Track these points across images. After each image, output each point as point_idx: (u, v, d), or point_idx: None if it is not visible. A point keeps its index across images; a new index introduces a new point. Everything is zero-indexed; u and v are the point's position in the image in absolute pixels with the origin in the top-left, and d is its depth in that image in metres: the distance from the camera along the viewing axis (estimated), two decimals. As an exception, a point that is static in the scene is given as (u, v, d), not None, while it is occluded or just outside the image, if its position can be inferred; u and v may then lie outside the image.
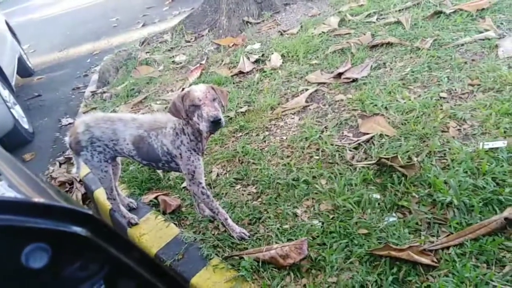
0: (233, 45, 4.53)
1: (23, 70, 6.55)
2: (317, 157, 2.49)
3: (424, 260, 1.64)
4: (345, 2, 4.76)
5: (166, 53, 5.04)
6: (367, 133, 2.54)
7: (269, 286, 1.77)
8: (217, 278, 1.88)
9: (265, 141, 2.82)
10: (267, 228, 2.10)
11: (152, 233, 2.26)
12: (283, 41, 4.20)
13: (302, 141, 2.67)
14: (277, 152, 2.66)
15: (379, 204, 2.02)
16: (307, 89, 3.24)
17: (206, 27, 5.24)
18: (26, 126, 4.51)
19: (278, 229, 2.07)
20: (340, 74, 3.27)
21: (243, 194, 2.40)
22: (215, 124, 1.75)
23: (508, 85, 2.53)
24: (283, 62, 3.81)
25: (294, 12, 4.93)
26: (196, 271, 1.95)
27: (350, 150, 2.47)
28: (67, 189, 3.40)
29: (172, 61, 4.70)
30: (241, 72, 3.89)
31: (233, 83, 3.76)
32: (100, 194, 2.67)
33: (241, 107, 3.28)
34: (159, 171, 2.75)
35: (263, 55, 4.07)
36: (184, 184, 2.56)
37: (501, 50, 2.88)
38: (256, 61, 4.01)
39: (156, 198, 2.53)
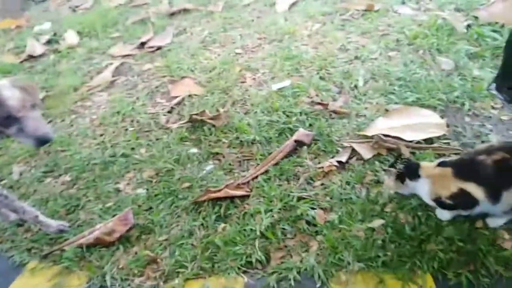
0: (15, 28, 3.86)
1: None
2: (132, 129, 2.42)
3: (239, 192, 1.83)
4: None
5: None
6: (178, 96, 2.59)
7: (99, 267, 1.67)
8: (37, 281, 1.67)
9: (72, 125, 2.56)
10: (88, 212, 1.95)
11: None
12: (77, 17, 3.82)
13: (114, 116, 2.54)
14: (88, 133, 2.46)
15: (196, 157, 2.12)
16: (111, 64, 3.06)
17: (-26, 10, 4.28)
18: None
19: (101, 209, 1.95)
20: (143, 44, 3.20)
21: (55, 186, 2.15)
22: (44, 142, 1.53)
23: (287, 34, 2.95)
24: (80, 39, 3.47)
25: (84, -15, 4.49)
26: (10, 283, 1.68)
27: (164, 115, 2.48)
28: None
29: None
30: (31, 57, 3.38)
31: (24, 70, 3.24)
32: None
33: (37, 95, 2.86)
34: None
35: (55, 34, 3.62)
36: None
37: (278, 6, 3.32)
38: (48, 41, 3.54)
39: None
